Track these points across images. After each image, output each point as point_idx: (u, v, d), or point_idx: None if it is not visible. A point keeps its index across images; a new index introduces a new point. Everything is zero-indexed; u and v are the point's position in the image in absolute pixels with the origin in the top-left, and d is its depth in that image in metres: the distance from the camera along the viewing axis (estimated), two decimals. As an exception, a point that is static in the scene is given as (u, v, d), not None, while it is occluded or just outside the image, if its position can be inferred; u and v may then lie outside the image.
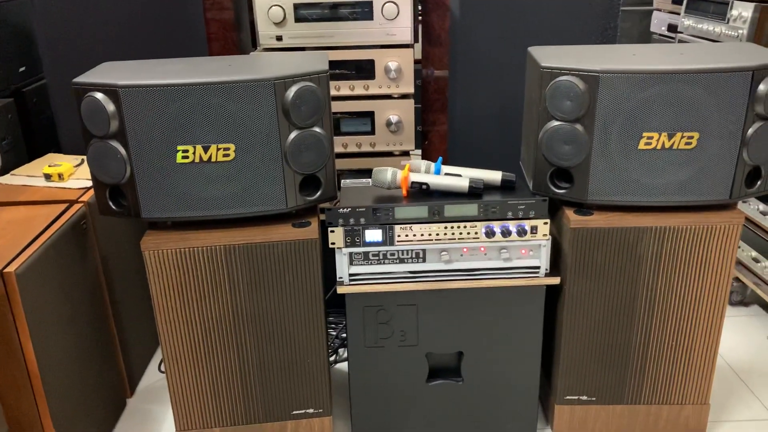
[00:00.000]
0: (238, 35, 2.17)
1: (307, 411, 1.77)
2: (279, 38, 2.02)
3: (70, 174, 1.96)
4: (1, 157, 2.11)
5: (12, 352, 1.51)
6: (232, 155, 1.52)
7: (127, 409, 2.03)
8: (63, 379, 1.64)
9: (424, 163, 1.72)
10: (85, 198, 1.83)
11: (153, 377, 2.16)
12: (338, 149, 2.12)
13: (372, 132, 2.11)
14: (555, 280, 1.68)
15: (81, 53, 2.13)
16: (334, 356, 2.21)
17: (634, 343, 1.73)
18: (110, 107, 1.47)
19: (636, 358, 1.74)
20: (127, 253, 2.03)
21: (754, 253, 2.31)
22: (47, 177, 1.93)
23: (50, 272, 1.60)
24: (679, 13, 2.91)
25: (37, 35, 2.12)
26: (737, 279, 2.45)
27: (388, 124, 2.09)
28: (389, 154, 2.15)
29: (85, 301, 1.78)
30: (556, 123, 1.57)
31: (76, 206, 1.79)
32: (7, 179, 1.97)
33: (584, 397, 1.79)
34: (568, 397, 1.79)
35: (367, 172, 1.70)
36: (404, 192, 1.66)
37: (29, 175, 1.98)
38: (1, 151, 2.11)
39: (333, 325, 2.33)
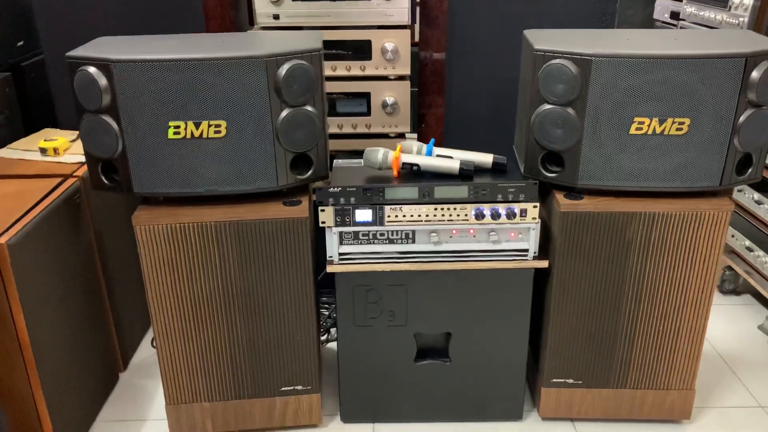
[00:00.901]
0: (235, 13, 2.17)
1: (296, 388, 1.79)
2: (276, 17, 2.02)
3: (65, 149, 1.97)
4: (-3, 130, 2.12)
5: (3, 323, 1.53)
6: (224, 132, 1.52)
7: (120, 383, 2.05)
8: (54, 351, 1.66)
9: (416, 144, 1.72)
10: (79, 173, 1.84)
11: (146, 352, 2.18)
12: (333, 130, 2.12)
13: (368, 113, 2.11)
14: (543, 264, 1.68)
15: (79, 28, 2.13)
16: (325, 335, 2.23)
17: (621, 328, 1.74)
18: (102, 81, 1.47)
19: (623, 343, 1.75)
20: (122, 228, 2.04)
21: (747, 242, 2.32)
22: (43, 151, 1.94)
23: (42, 245, 1.62)
24: (681, 0, 2.89)
25: (34, 9, 2.12)
26: (729, 268, 2.46)
27: (384, 105, 2.08)
28: (385, 135, 2.15)
29: (78, 275, 1.80)
30: (548, 106, 1.57)
31: (70, 180, 1.80)
32: (3, 153, 1.98)
33: (570, 380, 1.81)
34: (554, 380, 1.81)
35: (362, 154, 1.70)
36: (395, 173, 1.66)
37: (25, 150, 1.99)
38: (-2, 125, 2.13)
39: (326, 305, 2.35)
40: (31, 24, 2.36)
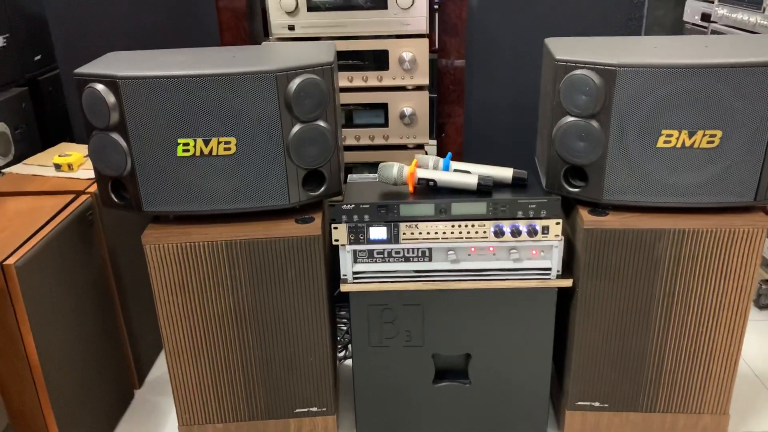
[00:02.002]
0: (250, 24, 2.13)
1: (311, 409, 1.74)
2: (291, 28, 1.98)
3: (79, 164, 1.95)
4: (14, 146, 2.11)
5: (13, 345, 1.50)
6: (233, 149, 1.48)
7: (135, 400, 2.03)
8: (65, 370, 1.64)
9: (432, 159, 1.66)
10: (92, 189, 1.81)
11: (162, 369, 2.16)
12: (351, 142, 2.08)
13: (385, 124, 2.06)
14: (567, 283, 1.61)
15: (94, 42, 2.12)
16: (343, 352, 2.18)
17: (650, 349, 1.66)
18: (110, 99, 1.44)
19: (652, 365, 1.67)
20: (137, 245, 1.99)
21: (784, 255, 2.21)
22: (57, 167, 1.93)
23: (53, 264, 1.60)
24: (713, 2, 2.79)
25: (50, 23, 2.11)
26: (767, 281, 2.35)
27: (402, 116, 2.03)
28: (403, 147, 2.10)
29: (91, 293, 1.77)
30: (570, 119, 1.50)
31: (83, 197, 1.78)
32: (19, 168, 1.97)
33: (596, 404, 1.73)
34: (579, 403, 1.73)
35: (380, 163, 1.65)
36: (411, 188, 1.60)
37: (40, 165, 1.98)
38: (15, 140, 2.12)
39: (345, 320, 2.30)
40: (47, 38, 2.35)
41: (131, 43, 2.10)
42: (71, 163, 1.92)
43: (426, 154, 2.15)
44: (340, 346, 2.19)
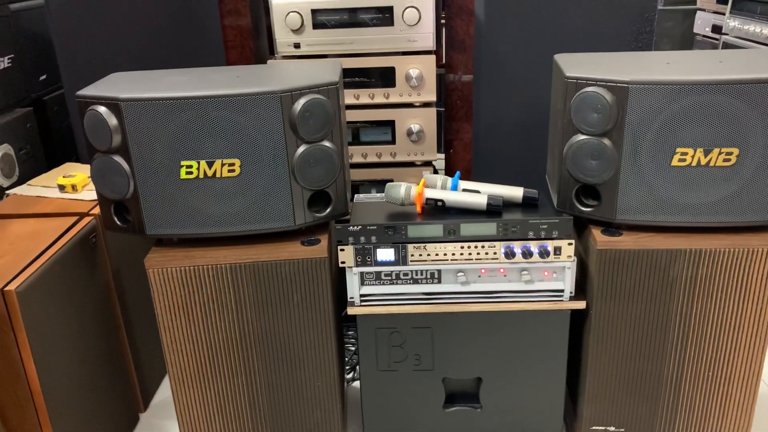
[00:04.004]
0: (255, 42, 2.12)
1: (318, 435, 1.70)
2: (297, 46, 1.96)
3: (84, 185, 1.93)
4: (18, 166, 2.09)
5: (14, 371, 1.48)
6: (238, 171, 1.45)
7: (140, 423, 1.99)
8: (67, 396, 1.61)
9: (440, 178, 1.63)
10: (96, 210, 1.79)
11: (168, 392, 2.12)
12: (358, 159, 2.05)
13: (392, 141, 2.03)
14: (580, 305, 1.57)
15: (99, 61, 2.11)
16: (351, 373, 2.14)
17: (667, 373, 1.61)
18: (112, 121, 1.42)
19: (668, 388, 1.62)
20: (142, 267, 1.98)
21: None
22: (61, 188, 1.91)
23: (55, 288, 1.57)
24: (724, 14, 2.75)
25: (54, 42, 2.10)
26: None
27: (409, 133, 2.01)
28: (411, 164, 2.07)
29: (94, 317, 1.74)
30: (581, 137, 1.46)
31: (87, 219, 1.75)
32: (23, 190, 1.95)
33: (612, 428, 1.68)
34: (594, 428, 1.68)
35: (387, 183, 1.62)
36: (418, 209, 1.57)
37: (44, 186, 1.96)
38: (19, 160, 2.10)
39: (354, 340, 2.26)
40: (52, 57, 2.35)
41: (136, 61, 2.09)
42: (75, 184, 1.90)
43: (435, 170, 2.12)
44: (348, 368, 2.15)
